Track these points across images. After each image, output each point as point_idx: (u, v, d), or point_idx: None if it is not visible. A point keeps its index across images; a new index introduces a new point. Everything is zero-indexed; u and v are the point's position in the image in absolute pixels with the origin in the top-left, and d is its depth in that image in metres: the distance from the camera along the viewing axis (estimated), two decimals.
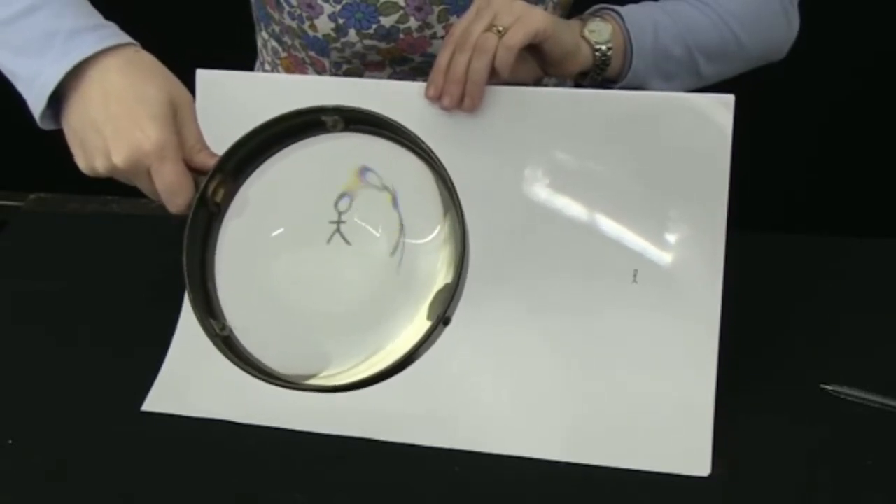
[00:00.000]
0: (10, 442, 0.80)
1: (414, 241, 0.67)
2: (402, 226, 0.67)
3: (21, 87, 0.72)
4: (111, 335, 0.89)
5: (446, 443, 0.78)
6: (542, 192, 0.82)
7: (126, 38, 0.72)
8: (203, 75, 0.83)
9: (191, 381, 0.84)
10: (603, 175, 0.82)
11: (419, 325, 0.64)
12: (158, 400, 0.83)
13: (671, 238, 0.81)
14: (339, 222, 0.68)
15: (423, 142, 0.66)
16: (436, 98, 0.80)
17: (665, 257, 0.81)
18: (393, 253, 0.67)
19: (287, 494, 0.75)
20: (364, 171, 0.69)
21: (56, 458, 0.79)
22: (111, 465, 0.78)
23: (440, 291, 0.65)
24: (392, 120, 0.67)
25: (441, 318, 0.63)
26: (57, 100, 0.71)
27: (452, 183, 0.65)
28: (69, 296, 0.94)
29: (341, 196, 0.68)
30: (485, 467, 0.77)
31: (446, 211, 0.67)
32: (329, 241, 0.68)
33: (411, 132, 0.66)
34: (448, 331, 0.65)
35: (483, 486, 0.76)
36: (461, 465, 0.77)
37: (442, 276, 0.66)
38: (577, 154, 0.82)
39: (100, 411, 0.82)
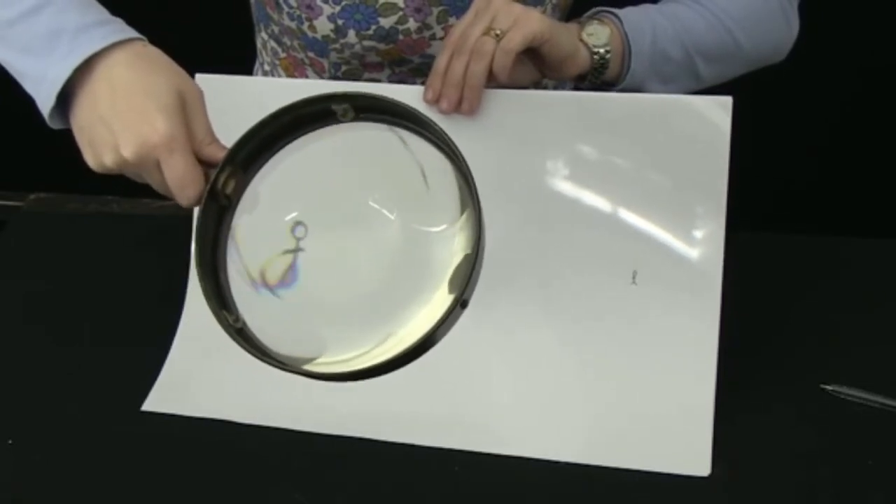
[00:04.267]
0: (10, 442, 0.80)
1: (430, 228, 0.67)
2: (418, 212, 0.67)
3: (29, 87, 0.72)
4: (111, 335, 0.89)
5: (446, 443, 0.78)
6: (540, 193, 0.82)
7: (133, 33, 0.71)
8: (201, 79, 0.83)
9: (192, 382, 0.84)
10: (602, 176, 0.82)
11: (436, 308, 0.64)
12: (159, 400, 0.83)
13: (671, 238, 0.81)
14: (297, 250, 0.68)
15: (436, 125, 0.65)
16: (434, 101, 0.80)
17: (664, 257, 0.81)
18: (408, 239, 0.67)
19: (287, 494, 0.75)
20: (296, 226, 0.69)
21: (56, 458, 0.79)
22: (111, 465, 0.78)
23: (458, 270, 0.64)
24: (402, 104, 0.66)
25: (459, 298, 0.62)
26: (65, 98, 0.71)
27: (468, 166, 0.64)
28: (69, 296, 0.94)
29: (296, 224, 0.68)
30: (485, 467, 0.77)
31: (462, 197, 0.66)
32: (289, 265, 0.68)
33: (424, 116, 0.66)
34: (450, 331, 0.65)
35: (483, 486, 0.76)
36: (461, 465, 0.77)
37: (458, 259, 0.65)
38: (575, 156, 0.82)
39: (100, 411, 0.82)
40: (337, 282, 0.68)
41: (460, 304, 0.62)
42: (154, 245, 0.97)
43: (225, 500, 0.75)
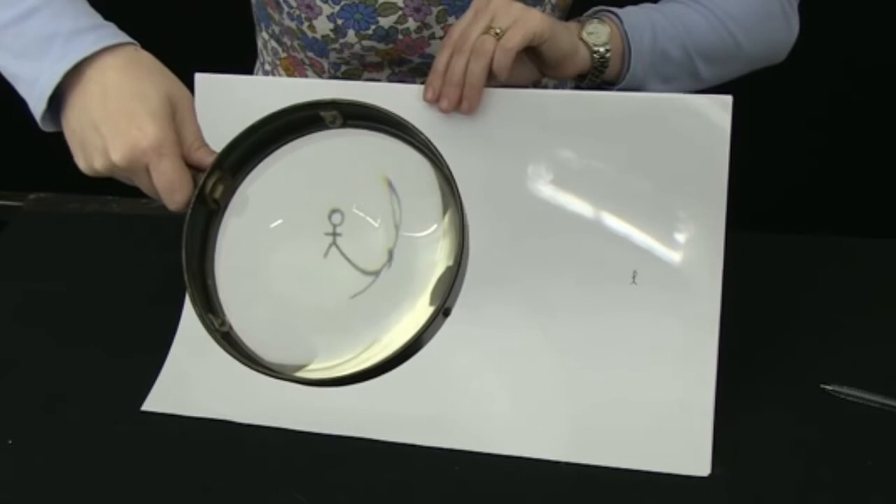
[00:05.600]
0: (10, 442, 0.80)
1: (413, 235, 0.67)
2: (401, 219, 0.67)
3: (22, 90, 0.72)
4: (111, 335, 0.89)
5: (446, 443, 0.78)
6: (540, 192, 0.82)
7: (125, 38, 0.72)
8: (201, 79, 0.83)
9: (192, 381, 0.84)
10: (602, 176, 0.82)
11: (419, 314, 0.64)
12: (159, 400, 0.83)
13: (670, 238, 0.81)
14: (334, 234, 0.68)
15: (422, 134, 0.66)
16: (434, 101, 0.80)
17: (664, 258, 0.81)
18: (391, 245, 0.67)
19: (287, 494, 0.75)
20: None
21: (56, 458, 0.79)
22: (111, 465, 0.78)
23: (441, 278, 0.65)
24: (390, 112, 0.66)
25: (441, 308, 0.63)
26: (57, 101, 0.71)
27: (452, 174, 0.65)
28: (69, 296, 0.94)
29: (333, 211, 0.68)
30: (485, 467, 0.77)
31: (446, 203, 0.67)
32: (326, 254, 0.68)
33: (410, 125, 0.66)
34: (448, 330, 0.65)
35: (483, 486, 0.76)
36: (461, 465, 0.77)
37: (441, 267, 0.66)
38: (576, 155, 0.82)
39: (100, 411, 0.82)
40: (323, 287, 0.68)
41: (442, 312, 0.63)
42: (154, 245, 0.97)
43: (225, 500, 0.75)
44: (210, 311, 0.68)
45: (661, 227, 0.81)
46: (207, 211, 0.70)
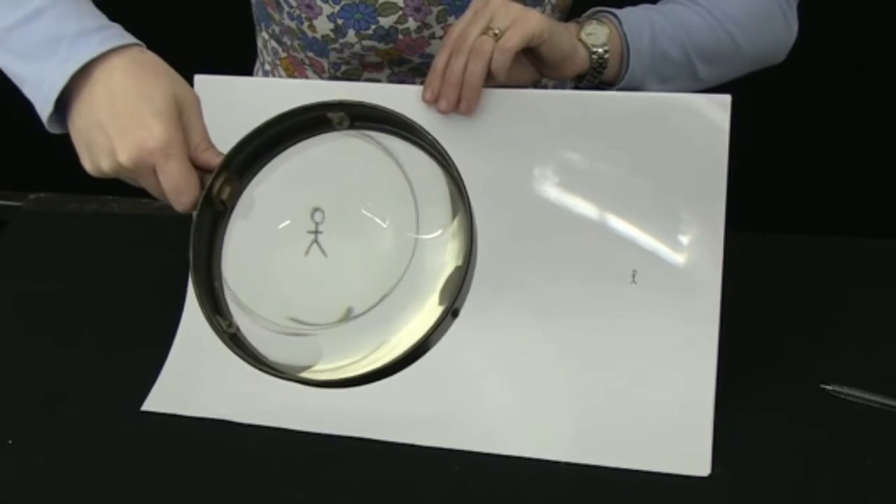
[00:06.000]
0: (10, 442, 0.80)
1: (422, 236, 0.67)
2: (410, 220, 0.67)
3: (29, 93, 0.72)
4: (111, 335, 0.89)
5: (447, 443, 0.78)
6: (541, 193, 0.82)
7: (131, 39, 0.72)
8: (201, 80, 0.83)
9: (192, 381, 0.84)
10: (601, 175, 0.82)
11: (428, 316, 0.64)
12: (159, 400, 0.83)
13: (670, 238, 0.81)
14: (316, 232, 0.68)
15: (430, 135, 0.66)
16: (433, 101, 0.80)
17: (664, 257, 0.81)
18: (400, 247, 0.67)
19: (287, 494, 0.75)
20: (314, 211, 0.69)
21: (56, 458, 0.79)
22: (111, 465, 0.78)
23: (450, 278, 0.65)
24: (398, 113, 0.67)
25: (450, 308, 0.63)
26: (63, 103, 0.71)
27: (460, 175, 0.65)
28: (69, 296, 0.94)
29: (315, 210, 0.68)
30: (485, 467, 0.77)
31: (454, 204, 0.67)
32: (307, 252, 0.68)
33: (418, 126, 0.66)
34: (450, 331, 0.65)
35: (483, 486, 0.76)
36: (461, 465, 0.77)
37: (449, 268, 0.66)
38: (575, 155, 0.82)
39: (100, 411, 0.82)
40: (330, 289, 0.68)
41: (451, 313, 0.63)
42: (154, 245, 0.97)
43: (225, 500, 0.75)
44: (217, 312, 0.68)
45: (661, 226, 0.81)
46: (214, 212, 0.70)
